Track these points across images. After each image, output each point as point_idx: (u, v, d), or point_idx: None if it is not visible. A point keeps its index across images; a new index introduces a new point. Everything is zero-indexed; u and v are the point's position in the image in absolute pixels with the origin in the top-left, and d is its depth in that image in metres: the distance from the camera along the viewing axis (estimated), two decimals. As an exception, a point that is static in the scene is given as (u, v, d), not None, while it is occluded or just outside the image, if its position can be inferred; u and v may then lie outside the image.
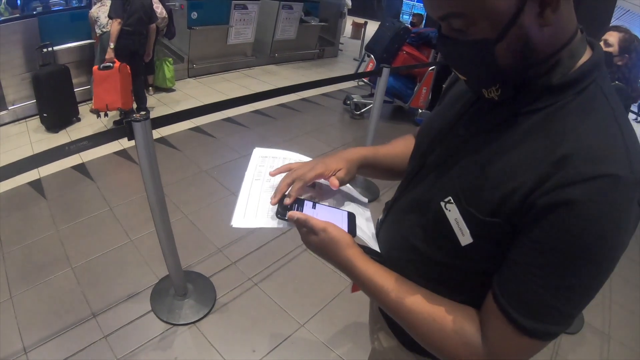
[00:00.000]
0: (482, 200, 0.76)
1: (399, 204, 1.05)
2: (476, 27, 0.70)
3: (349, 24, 13.77)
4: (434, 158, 0.94)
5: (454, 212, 0.82)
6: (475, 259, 0.83)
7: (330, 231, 0.91)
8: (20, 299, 2.73)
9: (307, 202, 1.00)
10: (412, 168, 1.03)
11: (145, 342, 2.49)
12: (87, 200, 3.83)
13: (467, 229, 0.79)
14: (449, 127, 0.93)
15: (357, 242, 0.96)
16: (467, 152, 0.84)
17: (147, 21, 5.32)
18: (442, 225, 0.84)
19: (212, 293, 2.85)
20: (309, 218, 0.92)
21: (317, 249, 0.95)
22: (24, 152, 4.63)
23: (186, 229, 3.46)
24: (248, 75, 8.40)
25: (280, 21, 8.98)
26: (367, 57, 6.63)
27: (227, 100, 2.70)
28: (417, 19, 9.68)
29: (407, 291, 0.88)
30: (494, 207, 0.74)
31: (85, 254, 3.13)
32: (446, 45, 0.79)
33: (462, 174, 0.83)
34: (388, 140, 1.30)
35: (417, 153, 1.06)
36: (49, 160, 1.87)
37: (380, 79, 3.69)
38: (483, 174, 0.78)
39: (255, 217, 0.96)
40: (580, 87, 0.73)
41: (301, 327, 2.66)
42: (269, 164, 1.15)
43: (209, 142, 5.21)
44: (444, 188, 0.86)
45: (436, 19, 0.76)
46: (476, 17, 0.69)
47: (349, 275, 0.93)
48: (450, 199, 0.82)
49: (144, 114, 2.06)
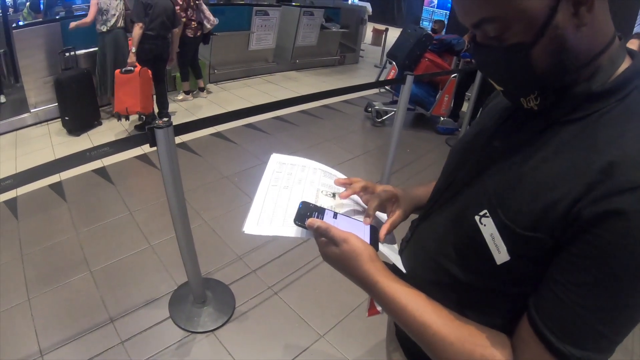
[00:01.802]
0: (522, 213, 0.70)
1: (427, 223, 0.99)
2: (511, 32, 0.68)
3: (370, 30, 13.76)
4: (465, 173, 0.89)
5: (489, 227, 0.76)
6: (511, 280, 0.76)
7: (353, 242, 0.85)
8: (38, 301, 2.73)
9: (327, 211, 0.94)
10: (441, 184, 0.99)
11: (163, 349, 2.47)
12: (107, 204, 3.84)
13: (504, 245, 0.73)
14: (483, 140, 0.89)
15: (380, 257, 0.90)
16: (503, 164, 0.79)
17: (170, 25, 5.33)
18: (475, 243, 0.78)
19: (231, 301, 2.82)
20: (330, 227, 0.86)
21: (336, 262, 0.88)
22: (46, 155, 4.70)
23: (206, 235, 3.44)
24: (269, 81, 8.41)
25: (301, 27, 9.00)
26: (389, 64, 6.60)
27: (249, 108, 2.69)
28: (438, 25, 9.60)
29: (433, 312, 0.80)
30: (534, 220, 0.68)
31: (104, 258, 3.12)
32: (481, 54, 0.77)
33: (499, 186, 0.77)
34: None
35: (447, 168, 1.01)
36: (70, 165, 1.86)
37: (404, 86, 3.65)
38: (522, 186, 0.72)
39: (269, 224, 0.92)
40: (622, 94, 0.69)
41: (321, 337, 2.61)
42: (286, 171, 1.10)
43: (230, 147, 5.20)
44: (478, 201, 0.80)
45: (470, 26, 0.74)
46: (510, 21, 0.67)
47: (370, 292, 0.86)
48: (486, 212, 0.77)
49: (166, 120, 2.04)
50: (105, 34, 5.27)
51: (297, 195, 1.01)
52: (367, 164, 5.14)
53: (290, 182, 1.05)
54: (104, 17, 5.22)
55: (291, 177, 1.07)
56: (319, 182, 1.08)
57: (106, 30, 5.26)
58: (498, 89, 0.81)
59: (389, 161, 3.93)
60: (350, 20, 10.84)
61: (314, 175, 1.10)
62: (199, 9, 6.22)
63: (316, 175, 1.10)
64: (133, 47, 4.98)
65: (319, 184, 1.07)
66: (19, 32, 5.34)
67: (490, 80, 0.81)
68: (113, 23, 5.24)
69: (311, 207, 0.94)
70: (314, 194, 1.03)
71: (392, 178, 4.24)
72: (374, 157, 5.32)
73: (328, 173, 1.13)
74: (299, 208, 0.92)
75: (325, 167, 1.16)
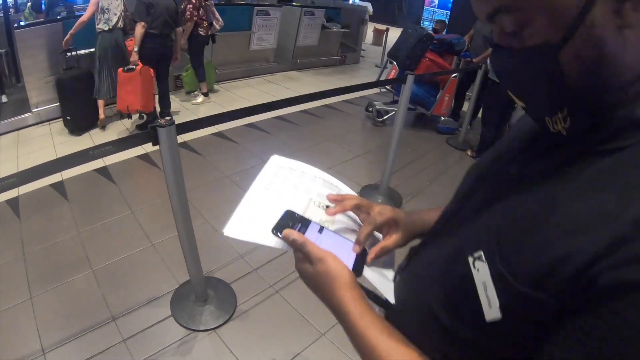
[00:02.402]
0: (524, 263, 0.55)
1: (424, 252, 0.87)
2: (533, 27, 0.55)
3: (371, 30, 13.76)
4: (475, 200, 0.76)
5: (483, 273, 0.61)
6: (501, 341, 0.61)
7: (329, 263, 0.75)
8: (40, 300, 2.74)
9: (313, 223, 0.85)
10: (448, 211, 0.87)
11: (165, 347, 2.48)
12: (109, 203, 3.86)
13: (496, 299, 0.58)
14: (500, 164, 0.77)
15: (365, 284, 0.83)
16: (516, 196, 0.64)
17: (173, 24, 5.35)
18: (466, 289, 0.64)
19: (233, 299, 2.83)
20: (306, 242, 0.77)
21: (308, 281, 0.79)
22: (47, 154, 4.71)
23: (208, 234, 3.45)
24: (270, 81, 8.43)
25: (302, 27, 9.01)
26: (390, 64, 6.60)
27: (250, 107, 2.70)
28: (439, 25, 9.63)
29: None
30: (538, 276, 0.53)
31: (106, 257, 3.14)
32: (499, 58, 0.64)
33: (504, 224, 0.62)
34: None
35: (459, 192, 0.87)
36: (73, 164, 1.88)
37: (405, 86, 3.65)
38: (531, 228, 0.57)
39: (249, 228, 0.84)
40: None
41: (322, 336, 2.62)
42: (283, 175, 1.01)
43: (231, 147, 5.22)
44: (477, 238, 0.66)
45: (484, 19, 0.61)
46: (531, 12, 0.54)
47: (340, 321, 0.75)
48: (481, 254, 0.62)
49: (168, 119, 2.05)
50: (106, 33, 5.19)
51: (287, 201, 0.92)
52: (367, 164, 5.15)
53: (284, 188, 0.97)
54: (105, 16, 5.14)
55: (286, 182, 0.99)
56: (315, 191, 0.99)
57: (108, 29, 5.18)
58: (519, 104, 0.66)
59: (390, 161, 3.93)
60: (351, 20, 10.85)
61: (311, 183, 1.02)
62: (209, 10, 6.26)
63: (314, 184, 1.02)
64: (135, 46, 5.00)
65: (314, 193, 0.98)
66: (21, 32, 5.36)
67: (510, 94, 0.67)
68: (115, 22, 5.17)
69: (295, 217, 0.85)
70: (304, 204, 0.94)
71: (392, 177, 4.25)
72: (375, 156, 5.33)
73: (328, 183, 1.05)
74: (281, 217, 0.84)
75: (327, 175, 1.07)
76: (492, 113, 5.22)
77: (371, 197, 4.18)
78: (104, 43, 5.19)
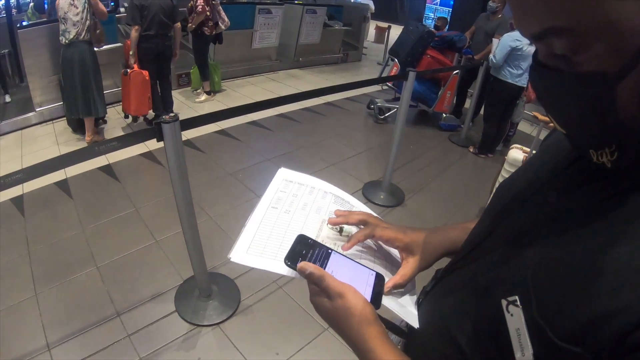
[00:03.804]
0: (563, 314, 0.49)
1: (452, 277, 0.79)
2: (589, 53, 0.45)
3: (372, 28, 13.75)
4: (509, 225, 0.68)
5: (517, 320, 0.55)
6: None
7: (349, 299, 0.69)
8: (45, 296, 2.77)
9: (327, 249, 0.79)
10: (479, 231, 0.78)
11: (169, 342, 2.50)
12: (113, 201, 3.88)
13: (530, 347, 0.53)
14: (535, 186, 0.68)
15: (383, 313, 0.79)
16: (554, 231, 0.57)
17: (170, 22, 5.31)
18: (497, 331, 0.58)
19: (237, 295, 2.85)
20: (324, 276, 0.71)
21: (326, 316, 0.73)
22: (51, 153, 4.73)
23: (211, 230, 3.47)
24: (272, 79, 8.44)
25: (304, 25, 9.02)
26: (391, 61, 6.61)
27: (253, 104, 2.71)
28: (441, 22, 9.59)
29: None
30: (577, 330, 0.47)
31: (110, 254, 3.16)
32: (543, 79, 0.54)
33: (542, 264, 0.56)
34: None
35: (490, 212, 0.78)
36: (79, 159, 1.89)
37: (407, 83, 3.66)
38: (573, 276, 0.50)
39: (261, 254, 0.78)
40: None
41: (325, 330, 2.64)
42: (292, 191, 0.95)
43: (234, 145, 5.24)
44: (512, 279, 0.59)
45: (530, 37, 0.51)
46: (590, 37, 0.44)
47: (360, 357, 0.71)
48: (516, 299, 0.56)
49: (173, 115, 2.07)
50: (66, 48, 4.60)
51: (298, 223, 0.87)
52: (370, 161, 5.16)
53: (294, 206, 0.91)
54: (62, 27, 4.51)
55: (296, 199, 0.93)
56: (327, 210, 0.93)
57: (65, 43, 4.56)
58: (559, 130, 0.57)
59: (392, 158, 3.94)
60: (352, 18, 10.83)
61: (322, 201, 0.95)
62: (215, 9, 6.27)
63: (325, 201, 0.95)
64: (131, 50, 5.04)
65: (325, 212, 0.92)
66: (24, 32, 5.38)
67: (550, 118, 0.58)
68: (74, 35, 4.50)
69: (309, 242, 0.79)
70: (317, 225, 0.88)
71: (394, 174, 4.26)
72: (377, 153, 5.34)
73: (340, 199, 0.98)
74: (293, 243, 0.78)
75: (338, 190, 1.00)
76: (494, 110, 5.24)
77: (374, 194, 4.21)
78: (65, 60, 4.69)
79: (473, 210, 4.25)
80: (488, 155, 5.61)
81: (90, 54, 4.75)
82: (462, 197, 4.57)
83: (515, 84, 4.86)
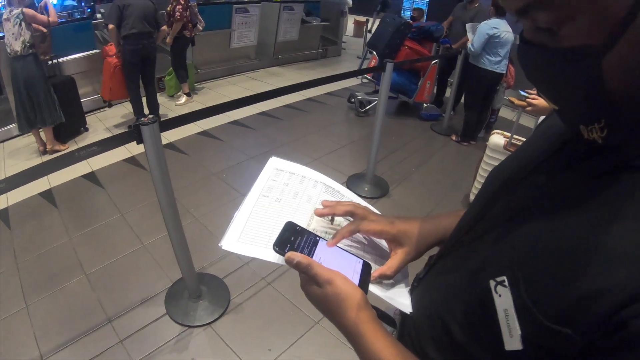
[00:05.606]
0: (551, 295, 0.49)
1: (444, 262, 0.80)
2: (573, 26, 0.45)
3: (351, 22, 13.76)
4: (499, 209, 0.68)
5: (505, 300, 0.55)
6: None
7: (338, 285, 0.70)
8: (36, 308, 2.76)
9: (315, 236, 0.81)
10: (471, 216, 0.77)
11: (162, 345, 2.51)
12: (99, 208, 3.87)
13: (518, 328, 0.53)
14: (526, 170, 0.67)
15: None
16: (544, 212, 0.57)
17: (154, 25, 5.34)
18: (486, 313, 0.58)
19: (226, 294, 2.86)
20: (312, 264, 0.72)
21: (317, 304, 0.75)
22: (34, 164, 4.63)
23: (198, 231, 3.48)
24: (253, 78, 8.43)
25: (281, 23, 9.00)
26: (370, 54, 6.63)
27: (233, 101, 2.72)
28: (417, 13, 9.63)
29: None
30: (566, 310, 0.47)
31: (98, 261, 3.16)
32: (529, 56, 0.54)
33: (529, 246, 0.55)
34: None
35: (481, 197, 0.78)
36: (60, 166, 1.90)
37: (385, 74, 3.69)
38: (561, 255, 0.50)
39: (252, 243, 0.79)
40: None
41: (316, 324, 2.67)
42: (282, 180, 0.95)
43: (217, 145, 5.23)
44: (500, 260, 0.59)
45: (515, 13, 0.51)
46: (573, 9, 0.44)
47: (352, 343, 0.71)
48: (504, 279, 0.56)
49: (151, 117, 2.08)
50: (13, 61, 4.53)
51: (289, 211, 0.87)
52: (352, 153, 5.20)
53: (285, 195, 0.91)
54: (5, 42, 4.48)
55: (287, 188, 0.93)
56: (317, 199, 0.92)
57: (12, 57, 4.50)
58: (551, 106, 0.57)
59: (374, 149, 3.96)
60: (330, 14, 10.83)
61: (313, 190, 0.95)
62: (192, 12, 6.26)
63: (315, 190, 0.95)
64: (115, 47, 5.17)
65: (316, 202, 0.92)
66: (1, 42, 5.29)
67: (540, 94, 0.58)
68: (16, 50, 4.42)
69: (297, 230, 0.80)
70: (308, 214, 0.89)
71: (378, 166, 4.29)
72: (359, 146, 5.37)
73: (330, 189, 0.98)
74: (282, 230, 0.79)
75: (328, 180, 1.00)
76: (475, 97, 5.30)
77: (358, 186, 4.24)
78: (14, 74, 4.60)
79: (458, 197, 4.30)
80: (470, 142, 5.67)
81: (37, 67, 4.64)
82: (446, 184, 4.61)
83: (494, 71, 4.91)
